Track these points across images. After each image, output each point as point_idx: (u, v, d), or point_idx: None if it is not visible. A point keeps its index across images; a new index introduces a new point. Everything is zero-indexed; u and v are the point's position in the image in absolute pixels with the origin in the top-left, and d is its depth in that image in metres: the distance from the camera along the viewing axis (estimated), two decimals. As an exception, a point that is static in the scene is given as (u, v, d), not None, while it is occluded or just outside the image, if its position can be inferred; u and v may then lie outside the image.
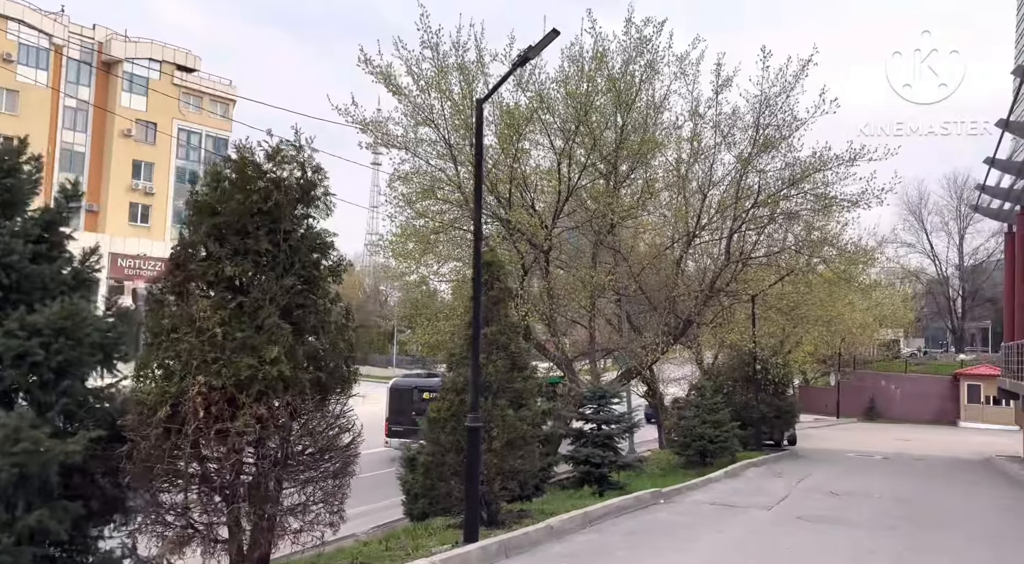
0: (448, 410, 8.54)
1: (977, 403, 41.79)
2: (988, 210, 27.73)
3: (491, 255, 9.50)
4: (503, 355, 8.87)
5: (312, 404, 5.31)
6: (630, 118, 19.80)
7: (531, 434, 8.97)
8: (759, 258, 22.62)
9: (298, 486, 5.44)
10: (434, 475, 8.63)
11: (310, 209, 5.59)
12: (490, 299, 8.84)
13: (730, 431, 16.44)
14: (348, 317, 5.78)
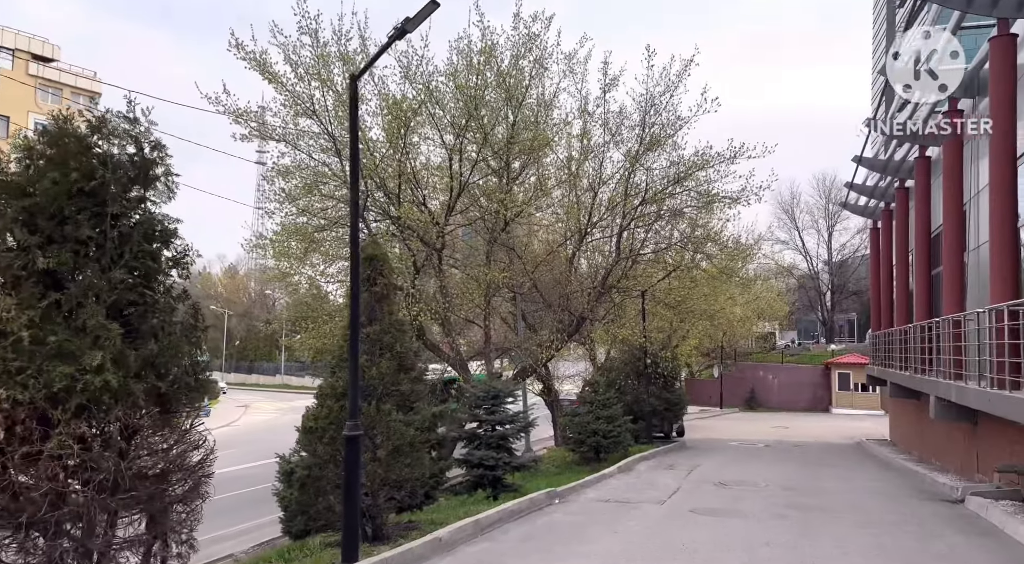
0: (326, 418, 7.83)
1: (847, 390, 44.69)
2: (855, 207, 29.55)
3: (374, 248, 8.88)
4: (389, 356, 8.26)
5: (151, 419, 4.51)
6: (521, 114, 19.56)
7: (420, 439, 8.41)
8: (648, 255, 23.03)
9: (137, 515, 4.63)
10: (311, 490, 7.89)
11: (148, 191, 4.79)
12: (373, 296, 8.22)
13: (623, 426, 16.49)
14: (197, 317, 5.00)
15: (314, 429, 7.84)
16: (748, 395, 47.09)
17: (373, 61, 10.61)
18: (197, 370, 4.89)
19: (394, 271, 18.55)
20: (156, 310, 4.61)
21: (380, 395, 8.00)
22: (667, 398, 22.96)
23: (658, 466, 16.02)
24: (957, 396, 12.43)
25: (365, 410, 7.64)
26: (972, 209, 14.49)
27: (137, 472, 4.54)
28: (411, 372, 8.81)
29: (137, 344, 4.47)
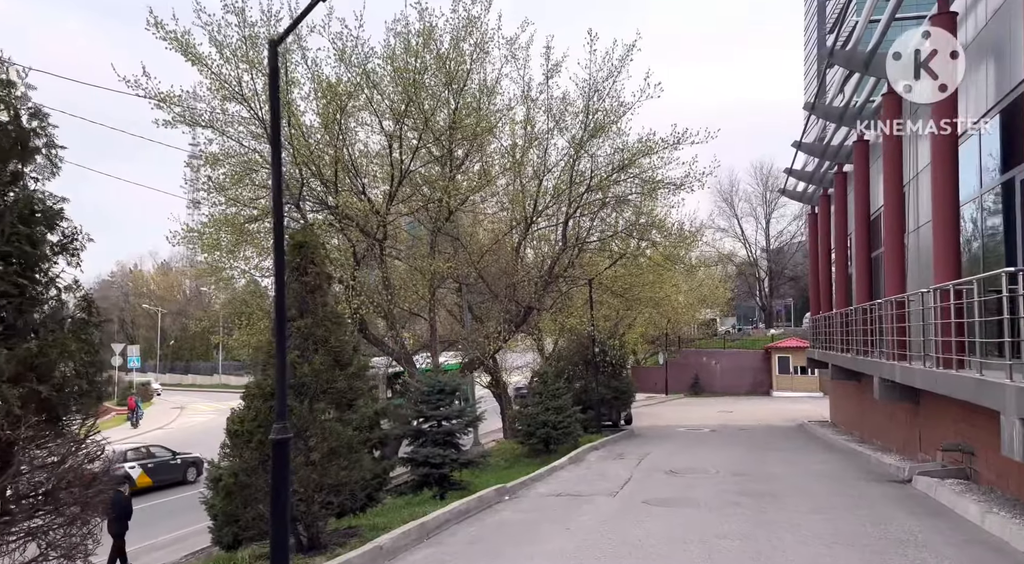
0: (254, 420, 7.18)
1: (787, 373, 45.70)
2: (793, 193, 30.00)
3: (304, 235, 8.24)
4: (322, 350, 7.66)
5: (32, 429, 3.86)
6: (463, 100, 19.02)
7: (359, 439, 7.84)
8: (594, 243, 22.83)
9: (19, 539, 3.98)
10: (239, 498, 7.24)
11: (26, 166, 4.10)
12: (304, 286, 7.60)
13: (572, 416, 16.21)
14: (90, 311, 4.34)
15: (240, 432, 7.19)
16: (692, 381, 47.73)
17: (295, 25, 9.86)
18: (91, 372, 4.25)
19: (332, 262, 17.95)
20: (36, 303, 3.95)
21: (314, 393, 7.41)
22: (616, 386, 22.83)
23: (608, 456, 15.80)
24: (902, 376, 12.51)
25: (296, 410, 7.03)
26: (912, 190, 14.64)
27: (18, 492, 3.89)
28: (348, 368, 8.22)
29: (12, 343, 3.81)
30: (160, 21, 15.86)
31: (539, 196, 21.64)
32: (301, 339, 7.34)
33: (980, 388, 8.19)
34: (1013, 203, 9.60)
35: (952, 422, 11.80)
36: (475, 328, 23.41)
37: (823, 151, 22.09)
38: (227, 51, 16.45)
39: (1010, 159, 9.97)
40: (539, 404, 15.97)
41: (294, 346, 7.29)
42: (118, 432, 40.51)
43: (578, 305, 23.70)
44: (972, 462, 10.79)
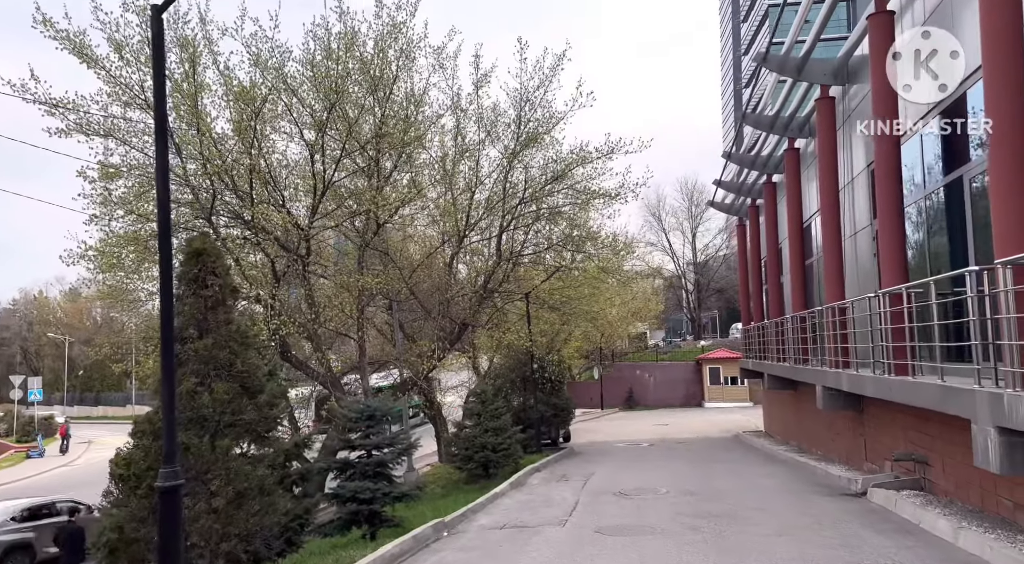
0: (143, 461, 6.06)
1: (718, 384, 46.15)
2: (721, 205, 30.23)
3: (203, 241, 7.15)
4: (226, 376, 6.55)
5: None
6: (390, 109, 18.14)
7: (272, 479, 6.76)
8: (528, 256, 22.19)
9: None
10: (124, 556, 6.05)
11: None
12: (203, 301, 6.52)
13: (513, 437, 15.35)
14: None
15: (127, 477, 6.04)
16: (627, 395, 47.63)
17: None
18: None
19: (249, 279, 16.64)
20: None
21: (216, 428, 6.32)
22: (555, 403, 22.12)
23: (551, 478, 14.98)
24: (849, 385, 12.21)
25: (195, 448, 5.95)
26: (847, 196, 14.55)
27: None
28: (259, 395, 7.13)
29: None
30: (49, 18, 14.37)
31: (472, 209, 20.92)
32: (200, 364, 6.27)
33: (945, 395, 7.79)
34: (960, 203, 9.37)
35: (901, 431, 11.54)
36: (407, 347, 22.34)
37: (752, 162, 22.16)
38: (127, 53, 15.06)
39: (954, 159, 9.79)
40: (477, 426, 15.04)
41: (191, 372, 6.21)
42: (17, 471, 37.16)
43: (514, 320, 22.98)
44: (926, 472, 10.50)
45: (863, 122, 12.32)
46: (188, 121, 15.77)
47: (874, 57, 10.68)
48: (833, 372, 13.28)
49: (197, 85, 15.57)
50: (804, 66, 14.39)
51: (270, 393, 8.23)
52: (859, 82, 13.72)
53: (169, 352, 5.27)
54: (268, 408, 7.76)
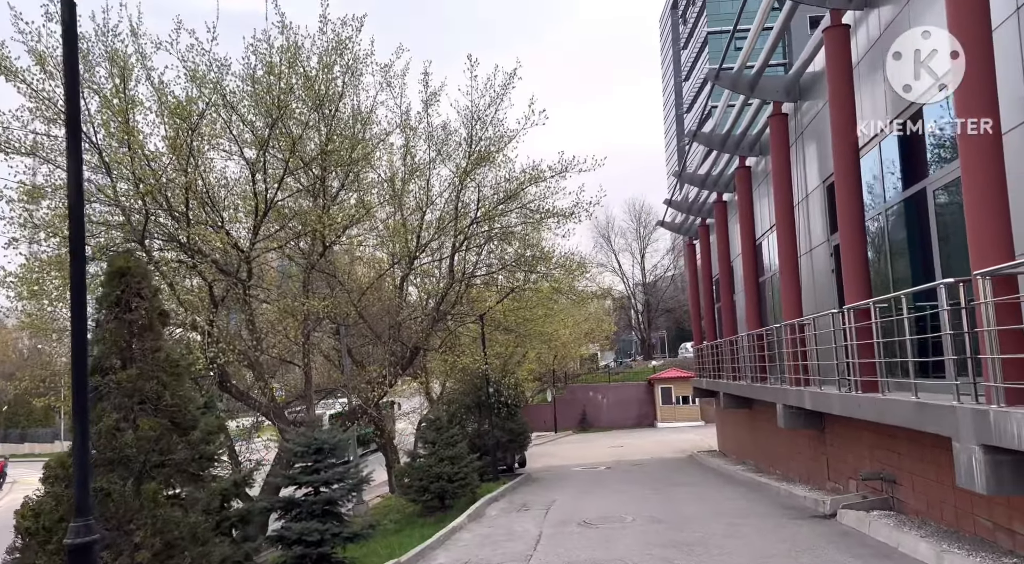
0: (55, 511, 5.24)
1: (670, 404, 46.21)
2: (671, 225, 30.34)
3: (126, 259, 6.38)
4: (153, 411, 5.80)
5: None
6: (336, 127, 17.54)
7: (207, 526, 6.00)
8: (481, 276, 21.70)
9: None
10: (30, 630, 5.21)
11: None
12: (127, 326, 5.77)
13: (470, 465, 14.66)
14: None
15: (35, 530, 5.21)
16: (580, 417, 47.28)
17: None
18: None
19: (184, 305, 15.64)
20: None
21: (142, 469, 5.56)
22: (511, 428, 21.49)
23: (511, 508, 14.33)
24: (813, 403, 12.00)
25: (117, 494, 5.18)
26: (802, 212, 14.52)
27: None
28: (192, 431, 6.38)
29: None
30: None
31: (423, 229, 20.36)
32: (123, 397, 5.52)
33: (922, 413, 7.53)
34: (924, 215, 9.27)
35: (867, 449, 11.35)
36: (356, 373, 21.48)
37: (703, 180, 22.20)
38: (51, 66, 14.09)
39: (916, 171, 9.73)
40: (432, 455, 14.32)
41: (113, 407, 5.46)
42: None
43: (467, 343, 22.37)
44: (894, 491, 10.29)
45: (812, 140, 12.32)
46: (119, 139, 14.84)
47: (831, 69, 10.61)
48: (795, 390, 13.08)
49: (128, 100, 14.68)
50: (757, 83, 14.39)
51: (205, 428, 7.45)
52: (811, 98, 13.76)
53: (82, 384, 4.55)
54: (203, 444, 7.00)
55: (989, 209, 6.57)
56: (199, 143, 15.43)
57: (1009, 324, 6.22)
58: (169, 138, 15.35)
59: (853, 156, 10.42)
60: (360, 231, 21.36)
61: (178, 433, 6.07)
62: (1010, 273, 6.32)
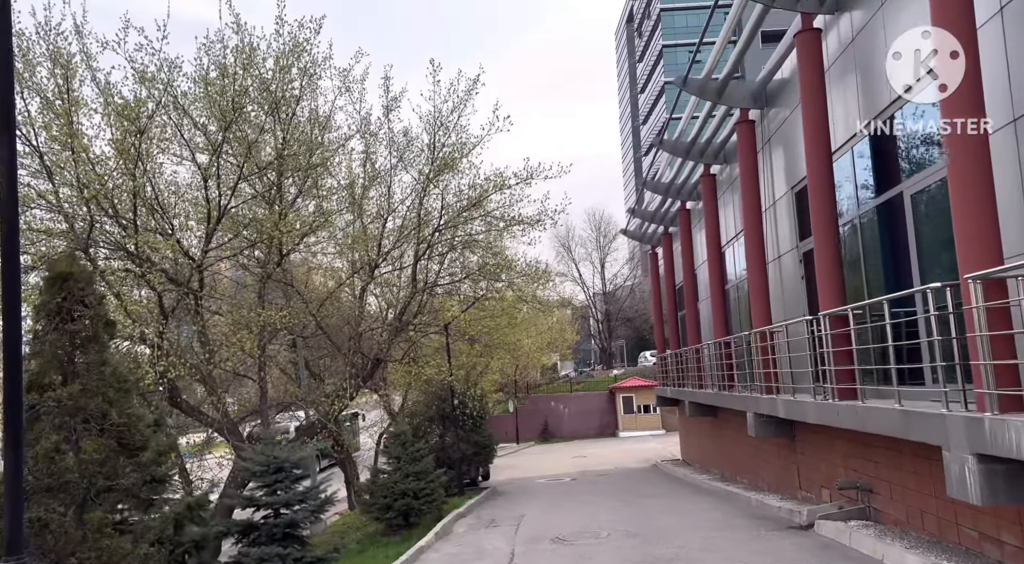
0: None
1: (632, 413, 46.21)
2: (635, 234, 30.33)
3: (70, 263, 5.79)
4: (98, 431, 5.22)
5: None
6: (294, 132, 16.95)
7: (157, 557, 5.42)
8: (445, 285, 21.22)
9: None
10: None
11: None
12: (70, 337, 5.18)
13: (437, 481, 14.13)
14: None
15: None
16: (543, 427, 46.96)
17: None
18: None
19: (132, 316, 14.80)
20: None
21: (86, 496, 4.98)
22: (476, 440, 20.99)
23: (479, 524, 13.84)
24: (786, 411, 11.85)
25: (57, 525, 4.60)
26: (770, 219, 14.46)
27: None
28: (142, 452, 5.80)
29: None
30: None
31: (384, 237, 19.83)
32: (64, 416, 4.93)
33: (908, 421, 7.36)
34: (900, 220, 9.18)
35: (841, 458, 11.22)
36: (314, 386, 20.74)
37: (667, 188, 22.17)
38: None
39: (888, 176, 9.65)
40: (397, 470, 13.74)
41: (52, 427, 4.87)
42: None
43: (429, 354, 21.84)
44: (871, 500, 10.16)
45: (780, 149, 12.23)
46: (62, 142, 14.02)
47: (804, 73, 10.52)
48: (766, 398, 12.93)
49: (72, 101, 13.88)
50: (724, 90, 14.32)
51: (156, 448, 6.85)
52: (779, 105, 13.73)
53: (16, 403, 3.99)
54: (154, 466, 6.41)
55: (977, 212, 6.43)
56: (148, 146, 14.67)
57: (999, 329, 6.07)
58: (116, 141, 14.56)
59: (826, 160, 10.32)
60: (319, 239, 20.74)
61: (126, 454, 5.49)
62: (1000, 277, 6.17)
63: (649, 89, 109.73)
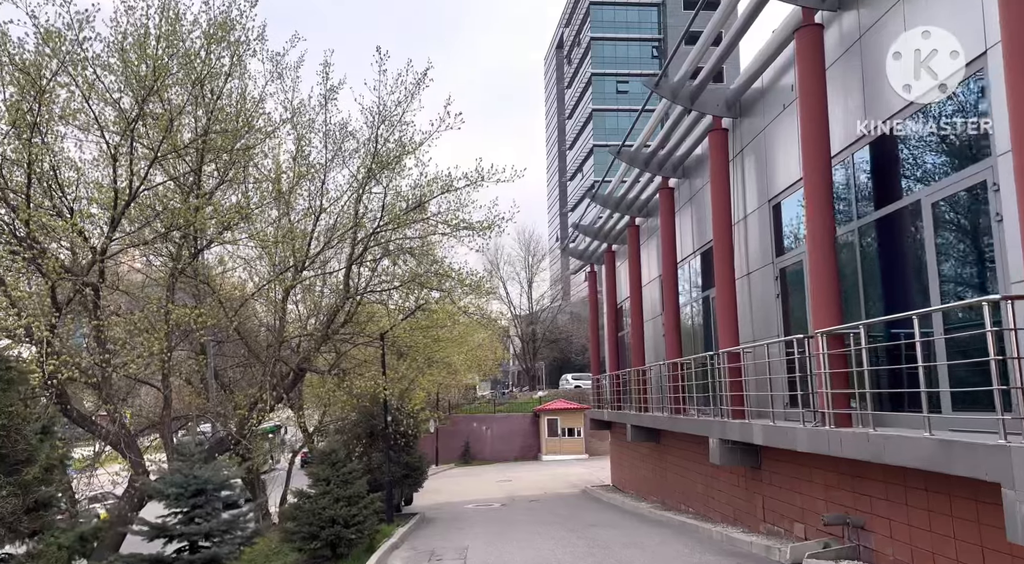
0: None
1: (556, 436, 45.23)
2: (575, 251, 29.52)
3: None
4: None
5: None
6: (219, 114, 15.21)
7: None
8: (379, 293, 19.63)
9: None
10: None
11: None
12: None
13: (370, 507, 12.49)
14: None
15: None
16: (463, 449, 45.36)
17: None
18: None
19: (17, 307, 12.59)
20: None
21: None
22: (407, 462, 19.30)
23: (417, 557, 12.24)
24: (765, 437, 10.95)
25: None
26: (740, 232, 13.75)
27: None
28: (28, 468, 4.17)
29: None
30: None
31: (314, 237, 18.15)
32: None
33: (950, 453, 6.47)
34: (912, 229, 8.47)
35: (822, 489, 10.39)
36: (224, 398, 18.66)
37: (617, 203, 21.42)
38: None
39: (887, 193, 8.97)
40: (325, 494, 12.02)
41: None
42: None
43: (353, 367, 20.09)
44: (861, 538, 9.32)
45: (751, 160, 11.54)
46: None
47: (802, 71, 9.80)
48: (737, 423, 12.05)
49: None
50: (699, 95, 13.60)
51: (46, 461, 5.17)
52: (754, 114, 13.10)
53: None
54: (41, 485, 4.71)
55: None
56: (48, 110, 12.61)
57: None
58: (10, 103, 12.45)
59: (826, 166, 9.59)
60: (236, 238, 18.71)
61: (3, 469, 3.84)
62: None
63: (576, 115, 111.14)
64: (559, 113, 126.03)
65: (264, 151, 17.75)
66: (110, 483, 15.19)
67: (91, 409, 16.45)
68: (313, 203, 18.54)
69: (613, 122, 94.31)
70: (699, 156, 16.25)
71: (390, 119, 17.73)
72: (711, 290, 15.27)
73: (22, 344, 13.49)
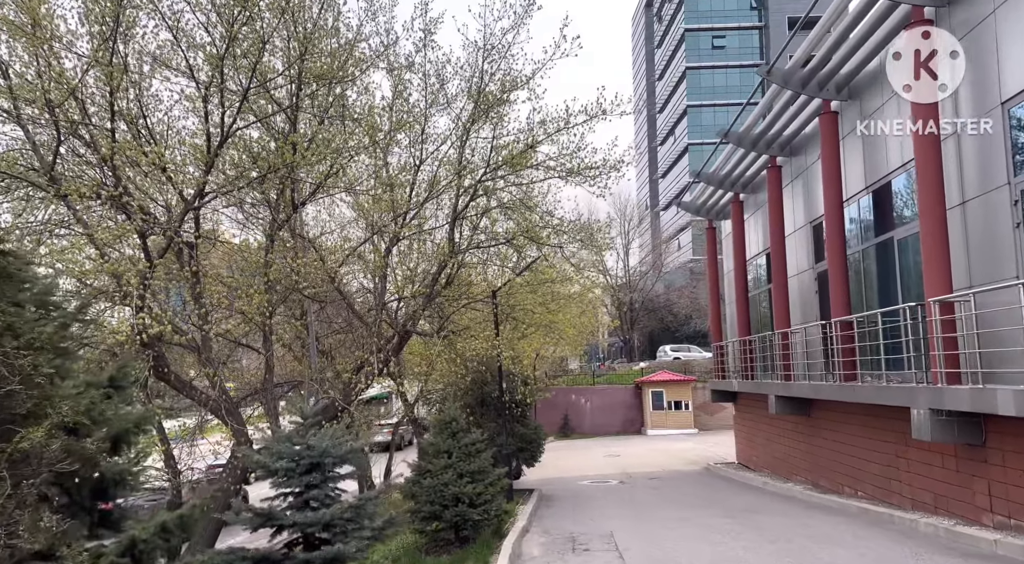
0: None
1: (661, 409, 42.69)
2: (691, 205, 26.80)
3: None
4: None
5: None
6: (314, 43, 13.60)
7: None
8: (489, 246, 17.75)
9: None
10: None
11: None
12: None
13: (497, 484, 10.65)
14: None
15: None
16: (562, 422, 43.45)
17: None
18: None
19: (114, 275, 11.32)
20: None
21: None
22: (522, 434, 17.47)
23: (556, 545, 10.33)
24: (1020, 407, 8.34)
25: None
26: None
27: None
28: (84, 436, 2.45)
29: None
30: None
31: (415, 189, 16.41)
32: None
33: None
34: None
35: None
36: (324, 364, 17.37)
37: (754, 142, 18.64)
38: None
39: None
40: (448, 468, 10.24)
41: None
42: None
43: (457, 330, 18.38)
44: None
45: None
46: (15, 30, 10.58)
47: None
48: (967, 389, 9.47)
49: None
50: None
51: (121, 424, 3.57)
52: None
53: None
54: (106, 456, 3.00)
55: None
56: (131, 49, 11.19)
57: None
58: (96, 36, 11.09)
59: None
60: (338, 186, 17.20)
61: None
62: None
63: (668, 75, 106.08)
64: (648, 75, 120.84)
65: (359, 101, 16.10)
66: (211, 454, 14.03)
67: (192, 375, 15.44)
68: (413, 152, 16.79)
69: (708, 79, 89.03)
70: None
71: (497, 49, 15.65)
72: (897, 230, 12.51)
73: (115, 305, 12.37)
